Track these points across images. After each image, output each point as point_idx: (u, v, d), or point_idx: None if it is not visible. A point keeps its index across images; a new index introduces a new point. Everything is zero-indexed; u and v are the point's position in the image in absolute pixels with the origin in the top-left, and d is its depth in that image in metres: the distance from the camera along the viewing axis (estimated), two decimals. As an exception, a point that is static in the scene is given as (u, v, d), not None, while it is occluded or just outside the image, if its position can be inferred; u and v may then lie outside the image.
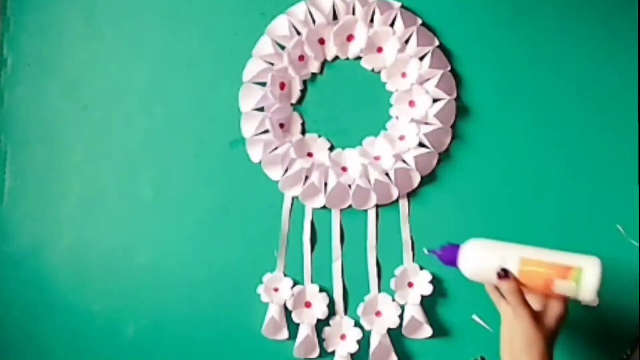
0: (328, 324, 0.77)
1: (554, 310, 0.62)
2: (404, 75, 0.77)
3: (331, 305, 0.77)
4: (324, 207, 0.77)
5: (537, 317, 0.61)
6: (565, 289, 0.61)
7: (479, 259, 0.64)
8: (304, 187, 0.77)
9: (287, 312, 0.77)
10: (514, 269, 0.62)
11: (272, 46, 0.77)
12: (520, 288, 0.62)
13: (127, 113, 0.80)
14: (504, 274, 0.62)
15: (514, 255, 0.63)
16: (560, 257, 0.62)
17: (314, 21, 0.77)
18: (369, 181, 0.76)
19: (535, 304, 0.63)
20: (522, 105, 0.78)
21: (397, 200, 0.77)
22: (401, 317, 0.76)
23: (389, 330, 0.76)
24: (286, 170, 0.77)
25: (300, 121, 0.79)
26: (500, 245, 0.65)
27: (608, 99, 0.77)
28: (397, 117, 0.78)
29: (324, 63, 0.79)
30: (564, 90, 0.78)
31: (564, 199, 0.77)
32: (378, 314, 0.77)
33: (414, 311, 0.75)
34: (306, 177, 0.77)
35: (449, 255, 0.66)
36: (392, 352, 0.76)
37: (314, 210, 0.78)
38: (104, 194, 0.80)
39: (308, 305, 0.77)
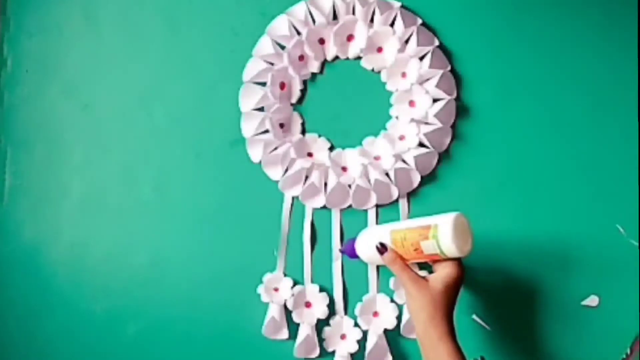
0: (328, 324, 0.77)
1: (440, 271, 0.64)
2: (404, 75, 0.77)
3: (331, 305, 0.77)
4: (324, 207, 0.77)
5: (420, 281, 0.63)
6: (430, 248, 0.63)
7: (366, 244, 0.70)
8: (304, 187, 0.77)
9: (287, 312, 0.77)
10: (388, 241, 0.67)
11: (272, 46, 0.77)
12: (397, 257, 0.66)
13: (127, 113, 0.80)
14: (382, 247, 0.67)
15: (386, 231, 0.67)
16: (425, 221, 0.65)
17: (314, 21, 0.77)
18: (369, 181, 0.76)
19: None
20: (522, 105, 0.78)
21: (397, 200, 0.77)
22: (399, 318, 0.76)
23: (386, 331, 0.76)
24: (286, 170, 0.77)
25: (300, 121, 0.79)
26: (381, 226, 0.70)
27: (608, 99, 0.77)
28: (397, 117, 0.78)
29: (324, 63, 0.79)
30: (564, 91, 0.78)
31: (564, 198, 0.77)
32: (375, 314, 0.77)
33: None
34: (306, 177, 0.77)
35: (350, 250, 0.72)
36: (388, 353, 0.76)
37: (314, 210, 0.78)
38: (104, 194, 0.80)
39: (308, 305, 0.77)
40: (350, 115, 0.78)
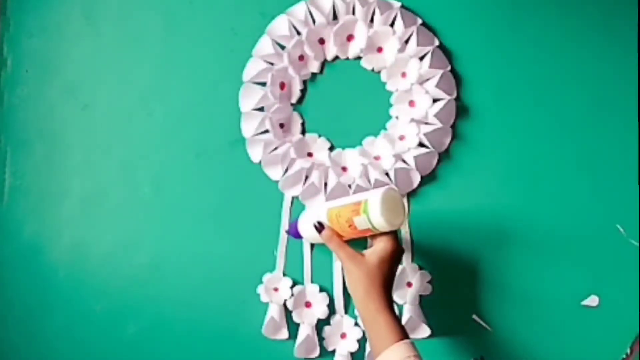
0: (328, 323, 0.77)
1: (375, 246, 0.65)
2: (404, 75, 0.77)
3: (331, 305, 0.77)
4: (324, 207, 0.77)
5: (356, 257, 0.65)
6: (362, 223, 0.64)
7: (306, 223, 0.71)
8: (304, 187, 0.77)
9: (287, 312, 0.77)
10: (325, 219, 0.68)
11: (272, 46, 0.77)
12: (333, 234, 0.67)
13: (127, 113, 0.80)
14: (319, 225, 0.68)
15: (323, 209, 0.69)
16: (357, 197, 0.66)
17: (314, 21, 0.77)
18: (369, 181, 0.76)
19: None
20: (522, 105, 0.78)
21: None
22: (399, 317, 0.76)
23: None
24: (286, 170, 0.77)
25: (300, 121, 0.79)
26: (320, 205, 0.71)
27: (608, 99, 0.77)
28: (397, 117, 0.78)
29: (324, 63, 0.79)
30: (564, 90, 0.78)
31: (564, 199, 0.77)
32: None
33: (412, 311, 0.75)
34: (306, 177, 0.77)
35: (293, 230, 0.73)
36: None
37: (314, 210, 0.78)
38: (104, 194, 0.80)
39: (308, 305, 0.77)
40: (350, 115, 0.78)
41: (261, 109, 0.77)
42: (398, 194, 0.65)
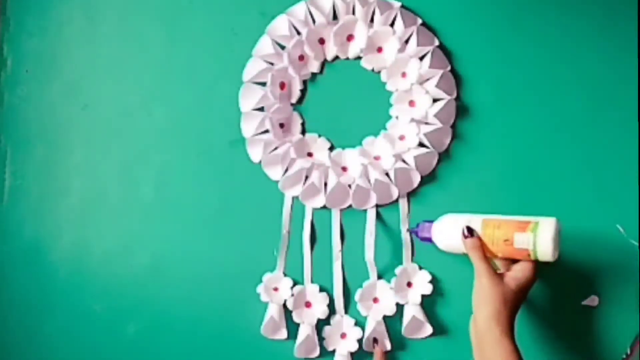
0: (328, 323, 0.77)
1: (516, 272, 0.65)
2: (404, 75, 0.77)
3: (331, 305, 0.77)
4: (324, 207, 0.77)
5: (495, 275, 0.64)
6: (524, 241, 0.64)
7: (449, 228, 0.69)
8: (304, 187, 0.77)
9: (287, 312, 0.77)
10: (477, 228, 0.67)
11: (272, 46, 0.77)
12: (481, 245, 0.66)
13: (127, 113, 0.80)
14: (468, 232, 0.66)
15: (477, 218, 0.68)
16: (521, 218, 0.66)
17: (314, 21, 0.77)
18: (369, 181, 0.76)
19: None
20: (523, 105, 0.78)
21: (397, 200, 0.77)
22: (399, 310, 0.76)
23: (385, 318, 0.75)
24: (286, 170, 0.77)
25: (300, 121, 0.79)
26: (468, 215, 0.69)
27: (608, 99, 0.77)
28: (397, 117, 0.78)
29: (324, 63, 0.79)
30: (564, 90, 0.78)
31: (564, 198, 0.77)
32: (375, 300, 0.77)
33: (414, 311, 0.75)
34: (306, 177, 0.77)
35: (424, 231, 0.71)
36: (386, 340, 0.76)
37: (314, 210, 0.78)
38: (104, 194, 0.80)
39: (308, 305, 0.77)
40: (350, 115, 0.78)
41: (261, 109, 0.78)
42: (561, 229, 0.64)
